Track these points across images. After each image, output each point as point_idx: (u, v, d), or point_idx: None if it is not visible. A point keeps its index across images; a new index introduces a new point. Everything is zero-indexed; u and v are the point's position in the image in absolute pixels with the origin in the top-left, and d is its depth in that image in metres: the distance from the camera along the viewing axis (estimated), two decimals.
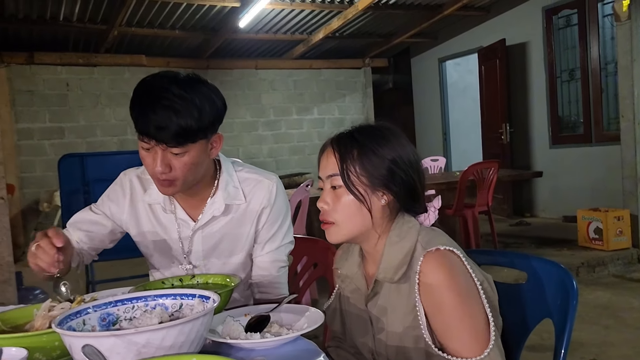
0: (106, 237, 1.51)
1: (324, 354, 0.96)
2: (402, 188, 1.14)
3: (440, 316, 1.06)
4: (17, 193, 6.43)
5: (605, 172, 5.83)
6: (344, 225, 1.14)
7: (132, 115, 1.28)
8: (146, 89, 1.28)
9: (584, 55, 6.06)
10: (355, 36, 7.75)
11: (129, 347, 0.82)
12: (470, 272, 1.09)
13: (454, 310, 1.05)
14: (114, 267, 4.00)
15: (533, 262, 1.37)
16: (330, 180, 1.15)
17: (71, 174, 3.79)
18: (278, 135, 8.23)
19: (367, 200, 1.12)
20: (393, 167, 1.12)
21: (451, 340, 1.06)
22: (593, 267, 4.44)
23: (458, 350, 1.05)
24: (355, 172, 1.12)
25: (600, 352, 2.89)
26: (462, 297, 1.05)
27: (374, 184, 1.12)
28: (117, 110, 7.15)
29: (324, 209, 1.15)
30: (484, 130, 7.23)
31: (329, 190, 1.15)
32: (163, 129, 1.23)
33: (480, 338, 1.05)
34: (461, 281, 1.06)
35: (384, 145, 1.13)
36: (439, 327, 1.07)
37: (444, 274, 1.05)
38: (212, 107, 1.30)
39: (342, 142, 1.15)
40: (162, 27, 6.52)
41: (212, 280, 1.33)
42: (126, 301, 1.03)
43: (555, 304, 1.28)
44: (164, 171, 1.28)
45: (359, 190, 1.12)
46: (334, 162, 1.14)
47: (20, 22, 5.93)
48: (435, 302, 1.06)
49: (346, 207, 1.13)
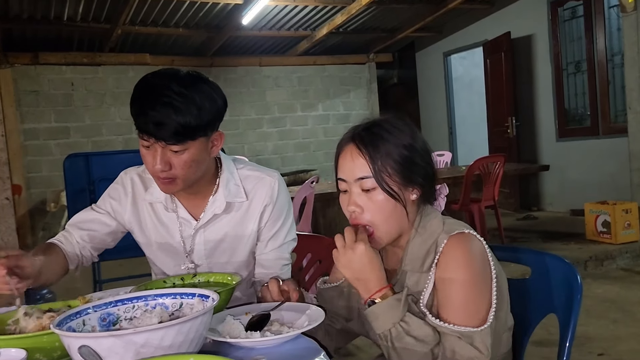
0: (108, 236, 1.51)
1: (324, 353, 0.96)
2: (426, 179, 1.13)
3: (445, 289, 1.06)
4: (24, 193, 6.47)
5: (612, 164, 5.78)
6: (382, 227, 1.10)
7: (132, 112, 1.28)
8: (146, 86, 1.28)
9: (590, 47, 6.00)
10: (359, 31, 7.72)
11: (128, 347, 0.81)
12: (490, 258, 1.09)
13: (461, 288, 1.04)
14: (120, 267, 4.02)
15: (537, 257, 1.36)
16: (360, 183, 1.09)
17: (76, 174, 3.80)
18: (283, 132, 8.23)
19: (402, 198, 1.10)
20: (418, 160, 1.11)
21: (446, 313, 1.05)
22: (601, 260, 4.41)
23: (450, 321, 1.04)
24: (387, 172, 1.08)
25: (608, 346, 2.87)
26: (473, 278, 1.05)
27: (406, 180, 1.10)
28: (122, 109, 7.17)
29: (356, 212, 1.10)
30: (490, 124, 7.19)
31: (359, 193, 1.10)
32: (162, 126, 1.22)
33: (475, 319, 1.04)
34: (478, 264, 1.06)
35: (408, 138, 1.11)
36: (442, 300, 1.07)
37: (464, 252, 1.06)
38: (213, 104, 1.29)
39: (367, 141, 1.10)
40: (165, 25, 6.53)
41: (214, 279, 1.33)
42: (126, 301, 1.03)
43: (559, 298, 1.27)
44: (164, 169, 1.28)
45: (393, 190, 1.09)
46: (362, 163, 1.09)
47: (24, 23, 5.95)
48: (446, 275, 1.06)
49: (381, 207, 1.09)
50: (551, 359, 2.60)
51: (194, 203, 1.45)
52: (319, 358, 0.93)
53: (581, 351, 2.79)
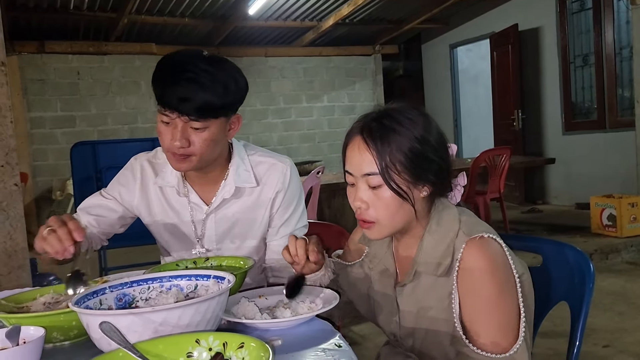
0: (116, 221, 1.51)
1: (339, 334, 0.96)
2: (439, 174, 1.07)
3: (472, 304, 1.02)
4: (30, 181, 6.49)
5: (619, 158, 5.76)
6: (387, 223, 1.06)
7: (155, 87, 1.28)
8: (172, 63, 1.28)
9: (598, 39, 5.96)
10: (365, 22, 7.69)
11: (146, 325, 0.82)
12: (511, 263, 1.04)
13: (488, 301, 1.00)
14: (126, 254, 4.04)
15: (548, 246, 1.35)
16: (367, 179, 1.04)
17: (83, 162, 3.82)
18: (288, 123, 8.22)
19: (410, 196, 1.05)
20: (431, 155, 1.05)
21: (477, 331, 1.02)
22: (606, 254, 4.41)
23: (484, 343, 1.01)
24: (396, 170, 1.02)
25: (613, 338, 2.88)
26: (499, 289, 1.01)
27: (416, 178, 1.04)
28: (128, 99, 7.18)
29: (362, 208, 1.06)
30: (496, 116, 7.16)
31: (366, 189, 1.05)
32: (187, 101, 1.23)
33: (508, 333, 1.01)
34: (501, 272, 1.02)
35: (419, 131, 1.04)
36: (469, 315, 1.03)
37: (486, 262, 1.01)
38: (236, 85, 1.31)
39: (375, 134, 1.03)
40: (171, 15, 6.51)
41: (226, 263, 1.33)
42: (142, 282, 1.04)
43: (571, 287, 1.27)
44: (182, 145, 1.28)
45: (401, 188, 1.03)
46: (369, 158, 1.03)
47: (31, 11, 5.94)
48: (471, 289, 1.02)
49: (387, 205, 1.04)
50: (557, 350, 2.62)
51: (205, 188, 1.46)
52: (334, 339, 0.94)
53: (587, 343, 2.79)
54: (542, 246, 1.36)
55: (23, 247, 2.78)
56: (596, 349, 2.76)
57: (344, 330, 3.06)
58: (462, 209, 1.13)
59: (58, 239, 1.14)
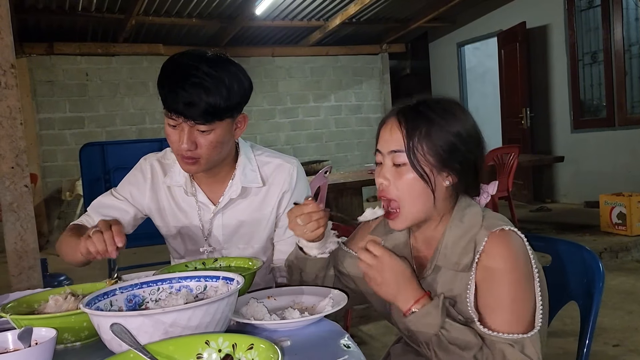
0: (127, 222, 1.52)
1: (347, 335, 0.96)
2: (467, 168, 1.09)
3: (491, 295, 1.03)
4: (39, 182, 6.54)
5: (628, 156, 5.72)
6: (409, 208, 1.08)
7: (160, 92, 1.29)
8: (176, 67, 1.29)
9: (607, 37, 5.92)
10: (372, 21, 7.68)
11: (157, 327, 0.83)
12: (531, 255, 1.05)
13: (509, 293, 1.01)
14: (134, 255, 4.07)
15: (557, 245, 1.35)
16: (393, 157, 1.07)
17: (92, 163, 3.85)
18: (295, 122, 8.22)
19: (432, 181, 1.06)
20: (460, 146, 1.07)
21: (494, 318, 1.02)
22: (616, 252, 4.38)
23: (498, 327, 1.01)
24: (422, 151, 1.05)
25: (624, 337, 2.86)
26: (520, 281, 1.02)
27: (441, 164, 1.06)
28: (136, 100, 7.21)
29: (383, 184, 1.09)
30: (504, 115, 7.13)
31: (390, 166, 1.08)
32: (192, 106, 1.24)
33: (524, 322, 1.01)
34: (522, 265, 1.03)
35: (453, 122, 1.07)
36: (487, 304, 1.03)
37: (509, 256, 1.02)
38: (240, 86, 1.31)
39: (409, 116, 1.07)
40: (179, 16, 6.53)
41: (235, 264, 1.34)
42: (152, 283, 1.05)
43: (580, 286, 1.26)
44: (190, 148, 1.29)
45: (424, 170, 1.05)
46: (399, 137, 1.06)
47: (39, 13, 5.99)
48: (492, 281, 1.02)
49: (409, 185, 1.06)
50: (567, 349, 2.60)
51: (213, 188, 1.47)
52: (343, 340, 0.94)
53: (597, 342, 2.78)
54: (551, 246, 1.36)
55: (34, 248, 2.80)
56: (606, 348, 2.75)
57: (352, 330, 3.06)
58: (485, 209, 1.14)
59: (101, 240, 1.17)
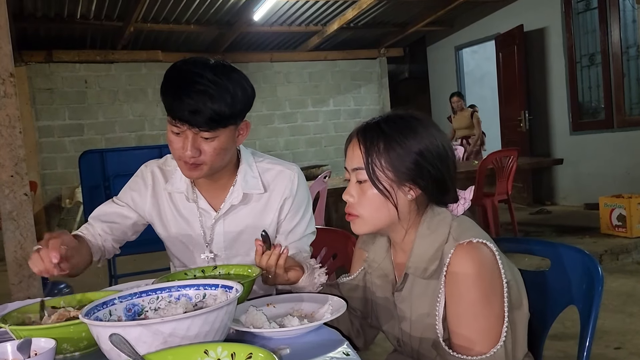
0: (129, 228, 1.52)
1: (347, 342, 0.96)
2: (430, 182, 1.09)
3: (456, 307, 1.04)
4: (39, 190, 6.54)
5: (627, 157, 5.73)
6: (369, 219, 1.11)
7: (164, 100, 1.29)
8: (180, 74, 1.29)
9: (604, 39, 5.93)
10: (370, 26, 7.70)
11: (155, 337, 0.83)
12: (500, 267, 1.05)
13: (472, 306, 1.02)
14: (135, 262, 4.06)
15: (557, 249, 1.35)
16: (356, 174, 1.11)
17: (92, 170, 3.85)
18: (294, 127, 8.24)
19: (392, 196, 1.09)
20: (420, 161, 1.08)
21: (459, 334, 1.04)
22: (616, 254, 4.38)
23: (460, 345, 1.03)
24: (380, 167, 1.08)
25: (625, 340, 2.85)
26: (484, 295, 1.02)
27: (400, 179, 1.08)
28: (135, 106, 7.23)
29: (349, 201, 1.13)
30: (502, 118, 7.15)
31: (355, 183, 1.12)
32: (197, 114, 1.25)
33: (490, 337, 1.02)
34: (487, 278, 1.03)
35: (412, 138, 1.08)
36: (452, 317, 1.05)
37: (472, 267, 1.02)
38: (244, 93, 1.32)
39: (367, 134, 1.10)
40: (177, 22, 6.56)
41: (234, 271, 1.34)
42: (151, 292, 1.05)
43: (580, 290, 1.26)
44: (194, 155, 1.30)
45: (384, 186, 1.08)
46: (359, 155, 1.10)
47: (38, 21, 6.01)
48: (456, 292, 1.04)
49: (371, 201, 1.10)
50: (567, 352, 2.60)
51: (214, 194, 1.47)
52: (343, 347, 0.94)
53: (598, 345, 2.77)
54: (550, 249, 1.36)
55: None
56: (608, 351, 2.74)
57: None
58: (460, 217, 1.14)
59: (39, 258, 1.17)
